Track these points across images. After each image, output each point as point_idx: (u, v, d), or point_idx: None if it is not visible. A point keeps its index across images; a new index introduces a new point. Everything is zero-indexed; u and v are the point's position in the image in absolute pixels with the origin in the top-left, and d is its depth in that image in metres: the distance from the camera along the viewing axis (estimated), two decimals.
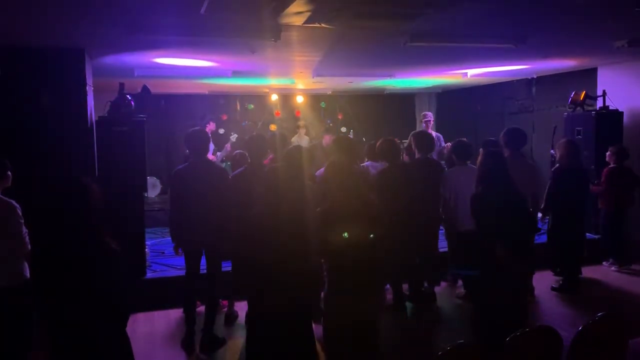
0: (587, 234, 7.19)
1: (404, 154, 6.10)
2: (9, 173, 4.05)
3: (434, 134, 8.56)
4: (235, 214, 4.43)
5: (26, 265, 3.97)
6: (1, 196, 3.92)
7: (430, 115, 8.91)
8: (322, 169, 5.11)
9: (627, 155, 6.63)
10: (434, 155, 8.17)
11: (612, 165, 6.63)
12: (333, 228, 3.29)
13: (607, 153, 6.72)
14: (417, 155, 5.68)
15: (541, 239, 6.36)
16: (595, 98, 7.59)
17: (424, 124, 8.87)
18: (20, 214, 3.93)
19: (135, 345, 2.82)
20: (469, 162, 5.43)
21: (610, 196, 6.66)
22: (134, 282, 5.58)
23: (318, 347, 3.69)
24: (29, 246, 3.95)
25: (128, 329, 2.75)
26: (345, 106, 11.91)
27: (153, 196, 10.26)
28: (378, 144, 5.49)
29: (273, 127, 11.10)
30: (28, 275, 3.96)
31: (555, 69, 8.36)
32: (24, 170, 4.34)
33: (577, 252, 6.13)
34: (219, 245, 4.68)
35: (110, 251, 2.58)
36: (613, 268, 6.78)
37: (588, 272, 6.47)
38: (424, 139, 5.72)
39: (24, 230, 3.95)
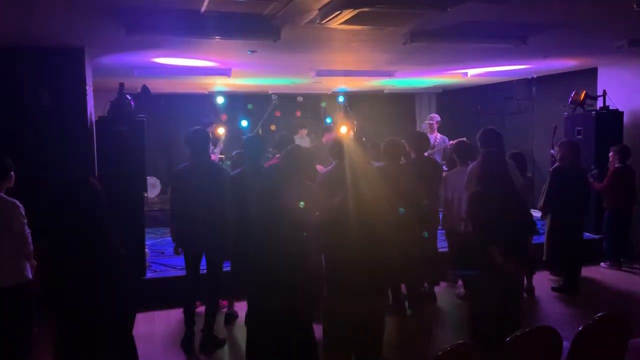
0: (587, 234, 7.21)
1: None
2: (12, 173, 4.06)
3: (439, 136, 8.53)
4: (234, 214, 4.43)
5: (28, 265, 3.97)
6: (4, 196, 3.92)
7: (436, 117, 8.77)
8: (327, 168, 5.11)
9: (629, 153, 6.65)
10: (437, 156, 8.18)
11: (618, 165, 6.63)
12: (334, 227, 3.28)
13: (610, 153, 6.72)
14: (412, 156, 5.68)
15: (540, 239, 6.36)
16: (595, 98, 7.59)
17: (426, 126, 8.82)
18: (24, 213, 3.93)
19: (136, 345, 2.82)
20: (470, 162, 5.42)
21: (616, 195, 6.66)
22: (136, 282, 5.58)
23: (318, 347, 3.69)
24: (32, 246, 3.95)
25: None
26: (346, 106, 11.89)
27: (153, 196, 10.25)
28: (383, 143, 5.48)
29: (273, 127, 11.08)
30: (30, 275, 3.96)
31: (555, 69, 8.36)
32: (24, 170, 4.34)
33: (576, 252, 6.13)
34: (219, 245, 4.69)
35: (116, 252, 2.59)
36: (607, 269, 6.80)
37: (588, 272, 6.47)
38: (416, 139, 5.73)
39: (27, 230, 3.94)
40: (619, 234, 6.78)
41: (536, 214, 6.29)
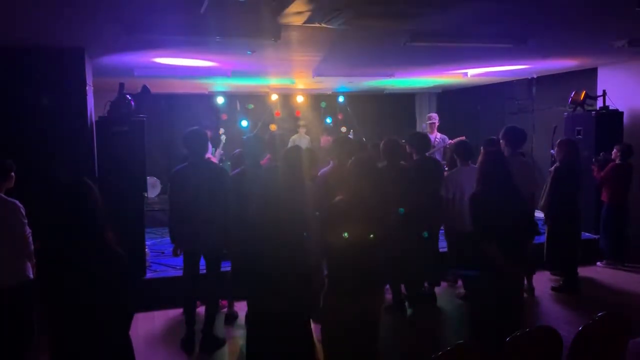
0: (587, 233, 7.20)
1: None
2: (12, 174, 4.06)
3: (439, 135, 8.53)
4: (233, 214, 4.43)
5: (29, 265, 3.98)
6: (4, 196, 3.93)
7: (435, 117, 8.79)
8: (325, 169, 5.12)
9: (632, 152, 6.71)
10: (438, 155, 8.19)
11: (617, 162, 6.69)
12: (334, 227, 3.28)
13: (614, 151, 6.78)
14: (415, 157, 5.67)
15: (540, 239, 6.36)
16: (595, 98, 7.59)
17: (426, 126, 8.81)
18: (24, 213, 3.93)
19: (135, 345, 2.82)
20: (470, 162, 5.42)
21: (613, 191, 6.71)
22: (135, 282, 5.58)
23: (318, 346, 3.69)
24: (32, 246, 3.95)
25: None
26: (345, 106, 11.90)
27: (153, 196, 10.25)
28: (382, 143, 5.48)
29: (273, 127, 11.09)
30: (31, 275, 3.96)
31: (555, 69, 8.36)
32: (24, 170, 4.34)
33: (576, 252, 6.13)
34: (218, 245, 4.68)
35: (114, 252, 2.59)
36: (605, 267, 6.83)
37: (588, 272, 6.47)
38: (418, 140, 5.72)
39: (28, 230, 3.95)
40: (615, 231, 6.80)
41: (538, 214, 6.29)
